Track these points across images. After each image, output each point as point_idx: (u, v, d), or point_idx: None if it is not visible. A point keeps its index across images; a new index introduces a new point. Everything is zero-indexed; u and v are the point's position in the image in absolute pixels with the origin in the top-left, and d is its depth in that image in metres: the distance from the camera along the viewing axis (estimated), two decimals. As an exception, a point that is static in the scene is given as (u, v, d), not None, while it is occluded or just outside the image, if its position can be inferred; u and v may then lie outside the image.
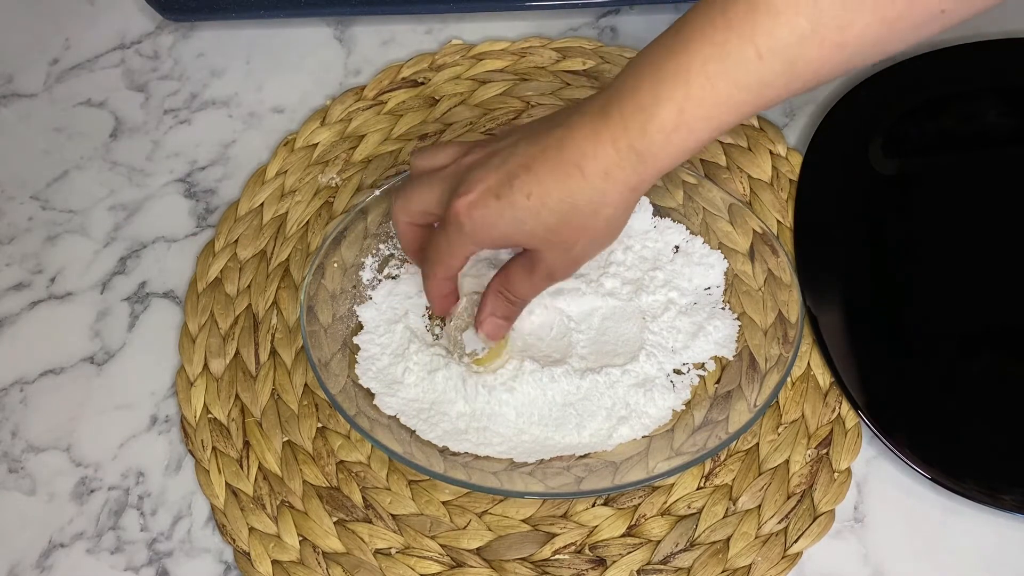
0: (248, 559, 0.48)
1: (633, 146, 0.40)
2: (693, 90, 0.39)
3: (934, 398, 0.50)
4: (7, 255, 0.59)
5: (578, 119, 0.41)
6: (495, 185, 0.42)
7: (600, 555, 0.47)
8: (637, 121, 0.40)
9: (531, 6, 0.64)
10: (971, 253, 0.54)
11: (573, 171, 0.41)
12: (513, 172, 0.42)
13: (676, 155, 0.40)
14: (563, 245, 0.43)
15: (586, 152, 0.41)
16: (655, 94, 0.39)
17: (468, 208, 0.42)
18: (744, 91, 0.39)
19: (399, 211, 0.47)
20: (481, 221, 0.42)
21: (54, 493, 0.51)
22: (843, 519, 0.48)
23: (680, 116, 0.39)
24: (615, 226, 0.43)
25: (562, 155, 0.41)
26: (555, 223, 0.42)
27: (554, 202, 0.41)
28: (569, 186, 0.41)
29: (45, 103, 0.65)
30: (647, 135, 0.40)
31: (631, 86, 0.40)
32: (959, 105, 0.59)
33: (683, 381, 0.50)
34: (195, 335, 0.54)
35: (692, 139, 0.40)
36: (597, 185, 0.41)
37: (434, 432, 0.49)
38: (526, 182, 0.41)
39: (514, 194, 0.42)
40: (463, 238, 0.43)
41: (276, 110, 0.63)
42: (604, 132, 0.40)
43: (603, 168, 0.40)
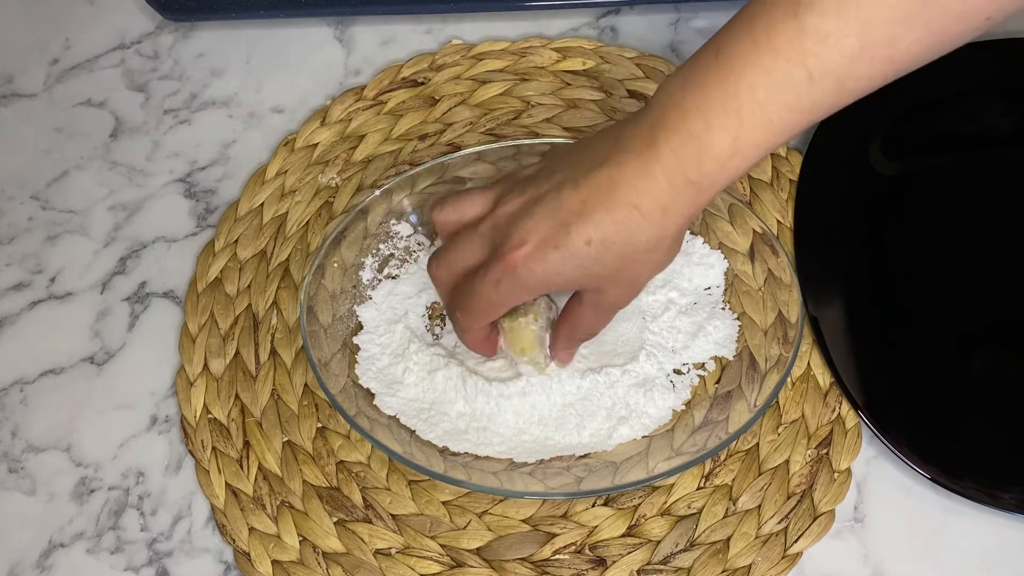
0: (248, 559, 0.48)
1: (688, 179, 0.39)
2: (745, 117, 0.38)
3: (934, 398, 0.50)
4: (7, 255, 0.59)
5: (625, 156, 0.40)
6: (550, 235, 0.41)
7: (600, 555, 0.47)
8: (690, 154, 0.39)
9: (531, 6, 0.64)
10: (971, 253, 0.54)
11: (631, 212, 0.40)
12: (567, 220, 0.41)
13: (729, 180, 0.40)
14: (626, 280, 0.42)
15: (640, 190, 0.40)
16: (706, 124, 0.39)
17: (526, 261, 0.41)
18: (796, 113, 0.38)
19: (442, 273, 0.46)
20: (542, 273, 0.41)
21: (54, 493, 0.51)
22: (843, 519, 0.48)
23: (734, 145, 0.39)
24: (675, 252, 0.43)
25: (615, 197, 0.40)
26: (619, 263, 0.41)
27: (617, 245, 0.40)
28: (629, 228, 0.40)
29: (45, 103, 0.65)
30: (702, 167, 0.39)
31: (677, 115, 0.39)
32: (959, 105, 0.59)
33: (683, 381, 0.50)
34: (195, 335, 0.54)
35: (745, 164, 0.39)
36: (657, 222, 0.40)
37: (434, 432, 0.49)
38: (583, 229, 0.40)
39: (572, 243, 0.41)
40: (518, 290, 0.42)
41: (276, 110, 0.63)
42: (656, 167, 0.39)
43: (661, 205, 0.40)
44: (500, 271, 0.42)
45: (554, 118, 0.60)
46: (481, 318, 0.45)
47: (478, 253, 0.44)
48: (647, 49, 0.64)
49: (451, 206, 0.46)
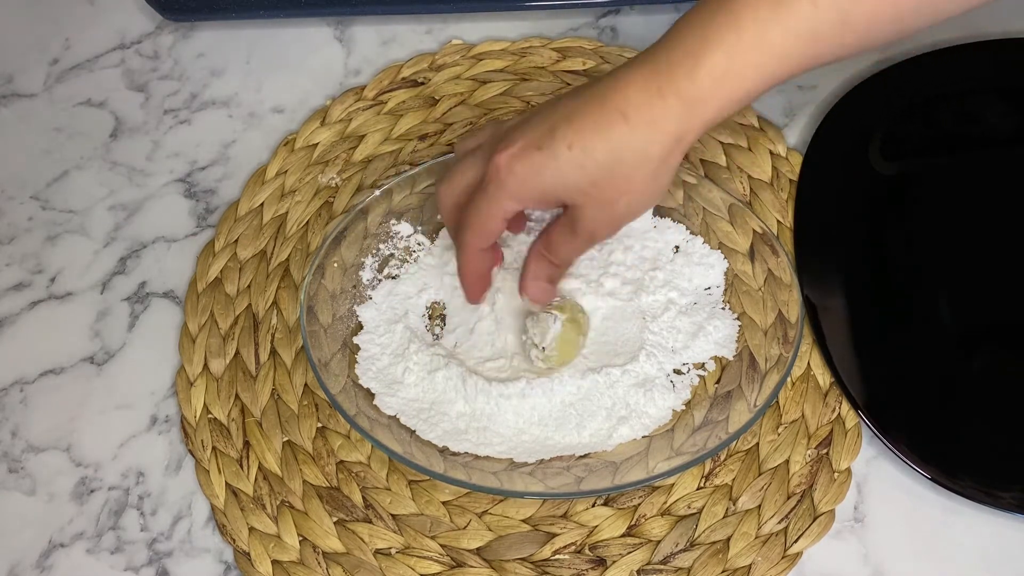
0: (248, 559, 0.48)
1: (680, 93, 0.39)
2: (744, 35, 0.38)
3: (934, 398, 0.50)
4: (7, 255, 0.59)
5: (623, 71, 0.40)
6: (536, 137, 0.41)
7: (600, 555, 0.47)
8: (684, 67, 0.39)
9: (531, 6, 0.64)
10: (971, 253, 0.54)
11: (617, 119, 0.39)
12: (555, 124, 0.41)
13: (723, 104, 0.39)
14: (606, 200, 0.41)
15: (631, 100, 0.39)
16: (704, 39, 0.38)
17: (509, 160, 0.41)
18: (796, 39, 0.38)
19: (445, 193, 0.45)
20: (523, 174, 0.41)
21: (54, 493, 0.51)
22: (843, 519, 0.48)
23: (730, 61, 0.38)
24: (659, 182, 0.41)
25: (605, 104, 0.40)
26: (598, 175, 0.40)
27: (598, 152, 0.40)
28: (613, 135, 0.40)
29: (45, 103, 0.65)
30: (695, 81, 0.39)
31: (679, 36, 0.39)
32: (959, 105, 0.59)
33: (683, 381, 0.50)
34: (195, 335, 0.54)
35: (741, 88, 0.39)
36: (642, 134, 0.39)
37: (434, 432, 0.49)
38: (568, 132, 0.40)
39: (556, 144, 0.40)
40: (502, 193, 0.42)
41: (276, 110, 0.63)
42: (651, 80, 0.39)
43: (648, 116, 0.39)
44: (488, 175, 0.42)
45: (554, 118, 0.60)
46: (476, 233, 0.44)
47: (478, 167, 0.44)
48: (647, 49, 0.64)
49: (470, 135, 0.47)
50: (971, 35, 0.60)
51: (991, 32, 0.61)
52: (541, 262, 0.46)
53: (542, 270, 0.46)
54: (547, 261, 0.46)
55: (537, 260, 0.46)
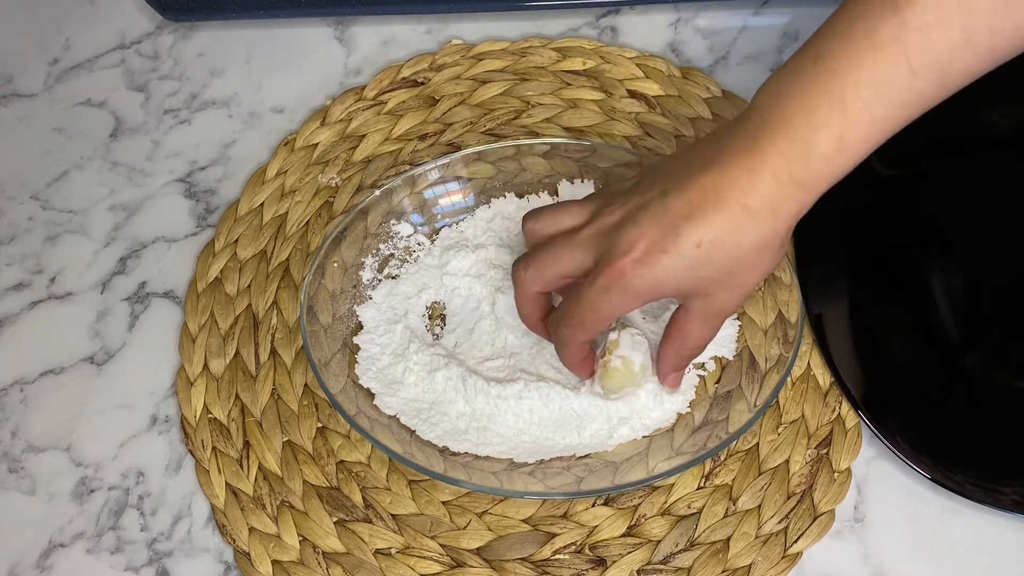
0: (248, 559, 0.48)
1: (795, 178, 0.39)
2: (850, 115, 0.38)
3: (934, 398, 0.50)
4: (7, 255, 0.59)
5: (730, 160, 0.40)
6: (659, 239, 0.40)
7: (600, 555, 0.47)
8: (797, 152, 0.39)
9: (531, 6, 0.64)
10: (971, 253, 0.54)
11: (740, 212, 0.40)
12: (676, 224, 0.40)
13: (836, 177, 0.40)
14: (737, 284, 0.42)
15: (747, 190, 0.40)
16: (810, 124, 0.39)
17: (634, 266, 0.41)
18: (899, 108, 0.39)
19: (531, 280, 0.45)
20: (652, 279, 0.41)
21: (54, 493, 0.51)
22: (843, 519, 0.48)
23: (840, 142, 0.39)
24: (783, 253, 0.42)
25: (724, 198, 0.40)
26: (730, 265, 0.41)
27: (727, 246, 0.40)
28: (739, 228, 0.40)
29: (45, 103, 0.65)
30: (809, 165, 0.39)
31: (779, 117, 0.39)
32: (960, 105, 0.59)
33: (686, 382, 0.50)
34: (195, 335, 0.54)
35: (851, 160, 0.40)
36: (766, 221, 0.40)
37: (434, 432, 0.49)
38: (693, 231, 0.40)
39: (682, 246, 0.40)
40: (627, 297, 0.42)
41: (276, 110, 0.63)
42: (762, 168, 0.39)
43: (769, 204, 0.40)
44: (608, 278, 0.41)
45: (554, 118, 0.60)
46: (587, 330, 0.44)
47: (578, 260, 0.43)
48: (647, 49, 0.64)
49: (548, 215, 0.45)
50: (971, 35, 0.60)
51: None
52: (678, 356, 0.46)
53: (680, 362, 0.47)
54: (684, 353, 0.46)
55: (673, 356, 0.46)
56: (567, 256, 0.44)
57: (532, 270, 0.45)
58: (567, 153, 0.56)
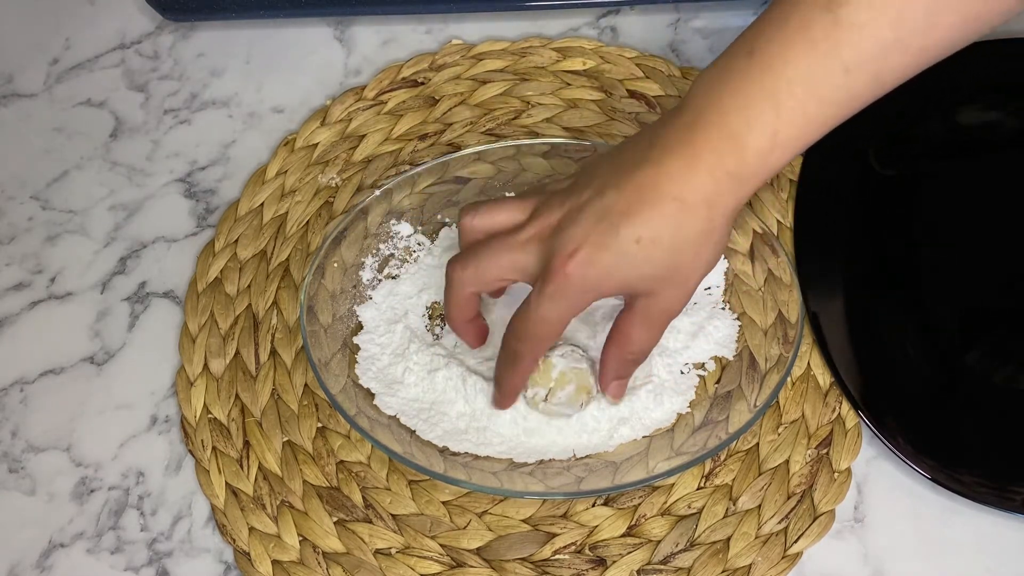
0: (248, 559, 0.48)
1: (730, 172, 0.40)
2: (783, 113, 0.39)
3: (934, 398, 0.50)
4: (7, 255, 0.59)
5: (665, 156, 0.40)
6: (598, 239, 0.41)
7: (600, 555, 0.47)
8: (731, 149, 0.39)
9: (531, 6, 0.64)
10: (971, 253, 0.54)
11: (676, 206, 0.40)
12: (614, 222, 0.40)
13: (770, 173, 0.40)
14: (679, 280, 0.42)
15: (683, 186, 0.40)
16: (746, 120, 0.39)
17: (577, 267, 0.41)
18: (833, 106, 0.39)
19: (468, 281, 0.45)
20: (594, 278, 0.41)
21: (54, 493, 0.51)
22: (843, 519, 0.48)
23: (774, 139, 0.39)
24: (721, 246, 0.42)
25: (660, 193, 0.40)
26: (670, 260, 0.41)
27: (664, 241, 0.40)
28: (676, 222, 0.40)
29: (45, 103, 0.65)
30: (744, 161, 0.39)
31: (714, 113, 0.40)
32: (959, 105, 0.59)
33: (686, 383, 0.50)
34: (195, 335, 0.54)
35: (785, 157, 0.40)
36: (702, 215, 0.40)
37: (434, 432, 0.49)
38: (631, 228, 0.40)
39: (622, 243, 0.40)
40: (575, 299, 0.42)
41: (276, 110, 0.63)
42: (698, 163, 0.40)
43: (704, 198, 0.40)
44: (555, 284, 0.41)
45: (554, 118, 0.60)
46: (541, 342, 0.44)
47: (519, 263, 0.43)
48: (647, 49, 0.64)
49: (484, 212, 0.45)
50: (971, 35, 0.60)
51: (991, 32, 0.60)
52: (620, 361, 0.46)
53: (622, 368, 0.46)
54: (627, 359, 0.46)
55: (616, 361, 0.46)
56: (507, 258, 0.43)
57: (470, 270, 0.44)
58: (567, 153, 0.56)
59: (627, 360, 0.46)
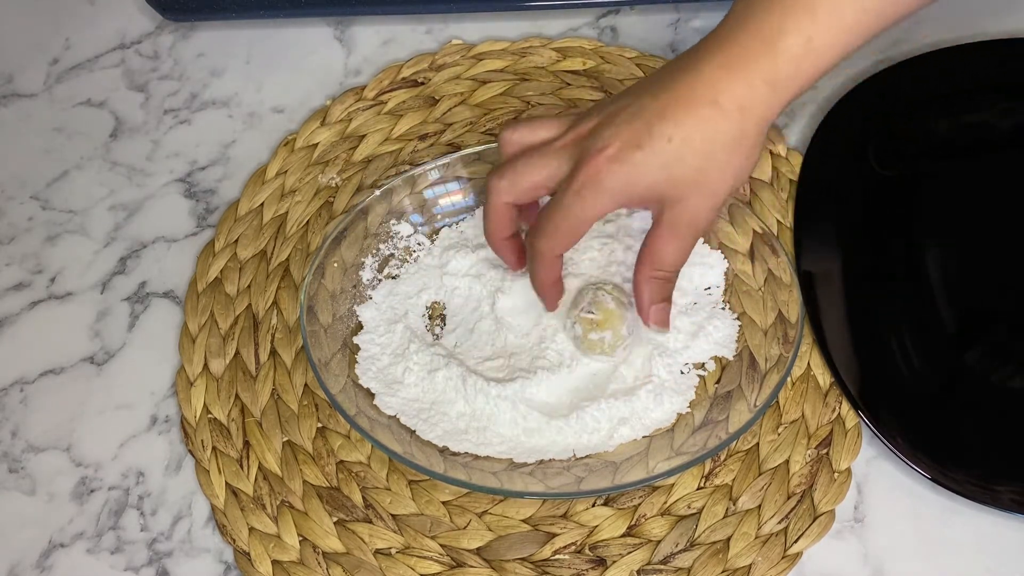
0: (248, 559, 0.48)
1: (765, 79, 0.41)
2: (819, 18, 0.40)
3: (934, 398, 0.50)
4: (7, 255, 0.59)
5: (702, 63, 0.42)
6: (633, 137, 0.41)
7: (600, 555, 0.47)
8: (766, 54, 0.40)
9: (531, 6, 0.64)
10: (971, 253, 0.54)
11: (710, 109, 0.41)
12: (649, 121, 0.41)
13: (805, 83, 0.41)
14: (708, 187, 0.42)
15: (720, 89, 0.41)
16: (781, 27, 0.40)
17: (608, 163, 0.41)
18: (870, 14, 0.40)
19: (503, 191, 0.45)
20: (625, 174, 0.41)
21: (54, 493, 0.51)
22: (843, 519, 0.48)
23: (808, 44, 0.40)
24: (751, 160, 0.43)
25: (695, 96, 0.41)
26: (701, 163, 0.41)
27: (696, 142, 0.41)
28: (710, 124, 0.41)
29: (45, 103, 0.65)
30: (778, 67, 0.40)
31: (752, 22, 0.41)
32: (959, 105, 0.59)
33: (686, 383, 0.50)
34: (195, 335, 0.54)
35: (819, 65, 0.41)
36: (735, 119, 0.41)
37: (434, 432, 0.49)
38: (664, 127, 0.41)
39: (655, 141, 0.41)
40: (602, 196, 0.42)
41: (276, 110, 0.63)
42: (734, 69, 0.41)
43: (738, 103, 0.41)
44: (583, 178, 0.42)
45: (554, 118, 0.60)
46: (562, 238, 0.44)
47: (553, 168, 0.43)
48: (647, 49, 0.64)
49: (525, 126, 0.46)
50: (971, 35, 0.60)
51: (991, 32, 0.61)
52: (652, 283, 0.45)
53: (657, 290, 0.45)
54: (657, 279, 0.45)
55: (648, 283, 0.45)
56: (542, 164, 0.44)
57: (507, 179, 0.45)
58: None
59: (660, 279, 0.45)
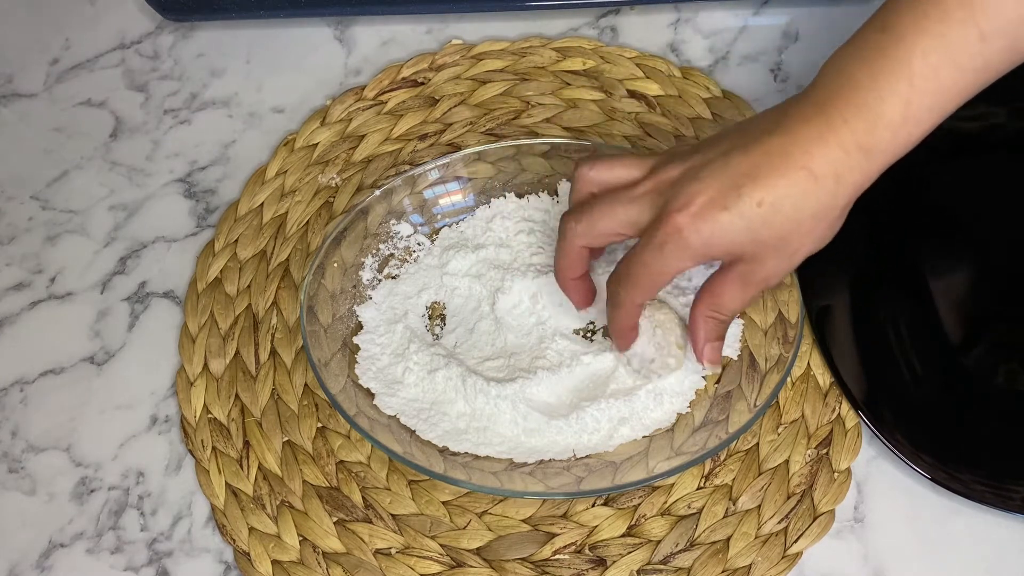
0: (248, 559, 0.48)
1: (861, 146, 0.39)
2: (917, 82, 0.38)
3: (934, 398, 0.50)
4: (7, 255, 0.59)
5: (796, 125, 0.40)
6: (719, 196, 0.40)
7: (600, 555, 0.47)
8: (863, 120, 0.39)
9: (531, 6, 0.64)
10: (971, 253, 0.54)
11: (805, 176, 0.40)
12: (738, 182, 0.40)
13: (902, 148, 0.40)
14: (788, 251, 0.41)
15: (814, 155, 0.39)
16: (877, 91, 0.39)
17: (692, 220, 0.40)
18: (968, 74, 0.39)
19: (581, 234, 0.44)
20: (708, 234, 0.40)
21: (54, 493, 0.51)
22: (843, 519, 0.48)
23: (907, 109, 0.39)
24: (835, 229, 0.42)
25: (789, 160, 0.40)
26: (788, 230, 0.40)
27: (787, 209, 0.40)
28: (802, 192, 0.40)
29: (45, 103, 0.65)
30: (875, 133, 0.39)
31: (847, 87, 0.40)
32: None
33: (686, 382, 0.50)
34: (195, 335, 0.54)
35: (918, 130, 0.40)
36: (829, 188, 0.40)
37: (434, 432, 0.49)
38: (755, 190, 0.40)
39: (743, 204, 0.40)
40: (683, 253, 0.41)
41: (276, 110, 0.63)
42: (829, 135, 0.39)
43: (833, 170, 0.40)
44: (665, 234, 0.41)
45: (554, 118, 0.60)
46: (643, 290, 0.43)
47: (633, 216, 0.43)
48: (647, 49, 0.64)
49: (604, 165, 0.44)
50: (971, 35, 0.60)
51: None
52: (710, 323, 0.45)
53: (713, 331, 0.45)
54: (715, 319, 0.45)
55: (706, 322, 0.45)
56: (622, 211, 0.43)
57: (584, 223, 0.44)
58: (567, 153, 0.56)
59: (717, 321, 0.45)
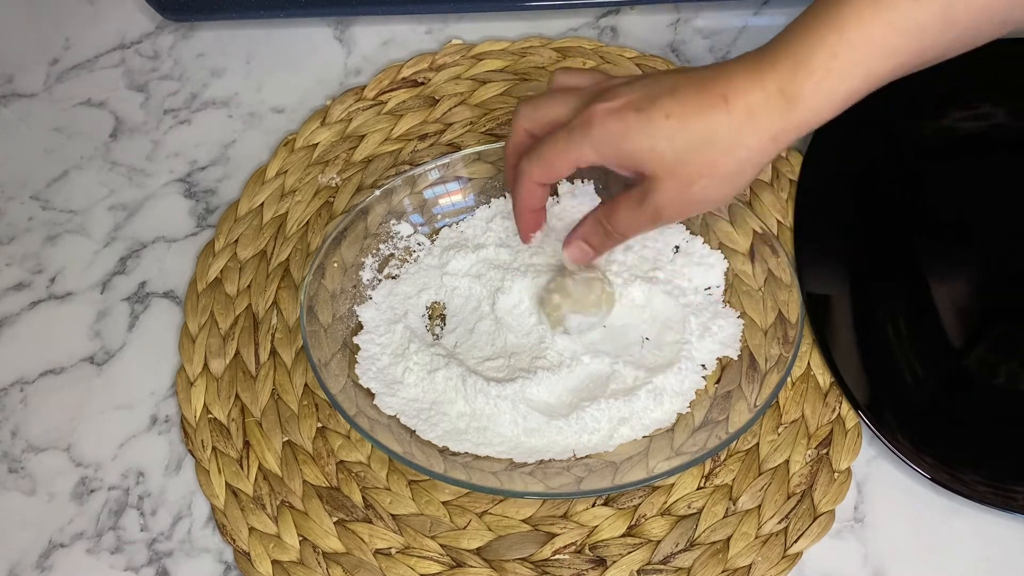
0: (248, 559, 0.48)
1: (782, 89, 0.40)
2: (846, 33, 0.39)
3: (934, 398, 0.50)
4: (7, 255, 0.59)
5: (732, 65, 0.41)
6: (637, 100, 0.42)
7: (600, 555, 0.47)
8: (788, 64, 0.40)
9: (531, 6, 0.64)
10: (971, 253, 0.54)
11: (718, 101, 0.40)
12: (657, 93, 0.42)
13: (824, 104, 0.40)
14: (685, 178, 0.42)
15: (734, 86, 0.40)
16: (808, 40, 0.40)
17: (604, 114, 0.42)
18: (900, 34, 0.39)
19: (524, 117, 0.46)
20: (614, 130, 0.42)
21: (54, 493, 0.51)
22: (843, 519, 0.48)
23: (832, 60, 0.39)
24: (743, 177, 0.42)
25: (708, 86, 0.41)
26: (686, 150, 0.41)
27: (692, 128, 0.41)
28: (711, 115, 0.41)
29: (45, 103, 0.65)
30: (796, 78, 0.40)
31: (785, 38, 0.41)
32: (960, 105, 0.59)
33: (686, 382, 0.50)
34: (195, 335, 0.54)
35: (843, 87, 0.40)
36: (739, 120, 0.40)
37: (434, 432, 0.49)
38: (668, 103, 0.41)
39: (654, 111, 0.41)
40: (585, 142, 0.43)
41: (276, 110, 0.63)
42: (755, 72, 0.40)
43: (748, 104, 0.40)
44: (579, 120, 0.43)
45: (554, 118, 0.60)
46: (545, 167, 0.44)
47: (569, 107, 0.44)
48: (647, 49, 0.64)
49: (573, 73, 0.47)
50: (971, 35, 0.60)
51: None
52: (596, 226, 0.46)
53: (594, 235, 0.46)
54: (602, 228, 0.46)
55: (592, 223, 0.46)
56: (560, 102, 0.45)
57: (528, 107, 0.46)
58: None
59: (600, 231, 0.46)
